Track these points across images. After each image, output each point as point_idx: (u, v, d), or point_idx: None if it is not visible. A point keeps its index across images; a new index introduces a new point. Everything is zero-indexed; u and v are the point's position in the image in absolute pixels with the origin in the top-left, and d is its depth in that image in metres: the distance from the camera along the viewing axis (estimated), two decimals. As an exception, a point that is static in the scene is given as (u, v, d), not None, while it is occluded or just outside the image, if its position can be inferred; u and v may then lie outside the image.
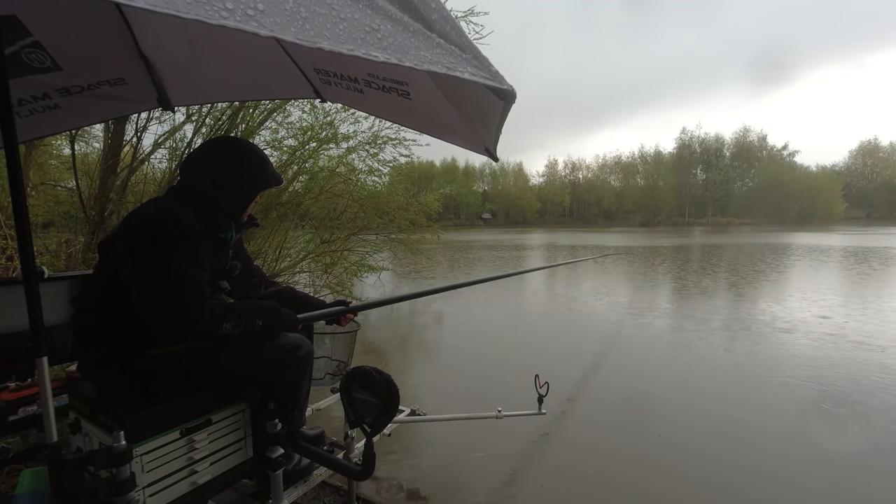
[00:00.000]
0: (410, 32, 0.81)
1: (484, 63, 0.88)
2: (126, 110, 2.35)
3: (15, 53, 1.37)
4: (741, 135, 68.95)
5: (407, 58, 0.77)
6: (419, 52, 0.79)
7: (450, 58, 0.83)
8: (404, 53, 0.77)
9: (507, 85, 0.91)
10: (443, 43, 0.83)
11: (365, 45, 0.73)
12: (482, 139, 1.43)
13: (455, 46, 0.84)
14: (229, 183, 1.39)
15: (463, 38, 0.87)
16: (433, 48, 0.82)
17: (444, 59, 0.81)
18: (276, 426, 1.41)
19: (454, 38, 0.85)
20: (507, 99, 0.96)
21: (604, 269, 11.71)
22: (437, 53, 0.81)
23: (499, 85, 0.89)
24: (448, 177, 65.38)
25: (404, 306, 7.38)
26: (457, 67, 0.82)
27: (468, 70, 0.84)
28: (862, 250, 15.68)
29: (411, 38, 0.80)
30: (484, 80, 0.86)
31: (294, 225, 5.60)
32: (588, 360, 4.53)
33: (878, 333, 5.17)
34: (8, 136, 1.13)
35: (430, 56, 0.80)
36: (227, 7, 0.62)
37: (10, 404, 1.55)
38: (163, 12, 0.56)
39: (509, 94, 0.93)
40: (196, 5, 0.59)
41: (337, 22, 0.72)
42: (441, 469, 2.50)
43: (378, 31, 0.76)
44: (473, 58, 0.86)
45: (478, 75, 0.85)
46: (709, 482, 2.39)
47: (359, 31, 0.74)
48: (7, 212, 3.36)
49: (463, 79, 0.83)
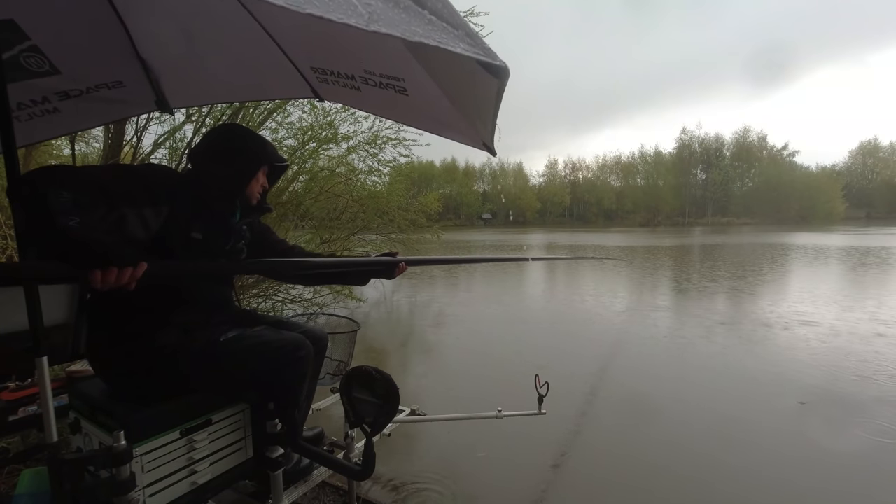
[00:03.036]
0: (401, 8, 0.80)
1: (476, 39, 0.87)
2: (124, 113, 2.35)
3: (13, 57, 1.37)
4: (741, 135, 68.98)
5: (398, 30, 0.76)
6: (410, 26, 0.79)
7: (441, 33, 0.82)
8: (395, 26, 0.76)
9: (499, 61, 0.90)
10: (434, 19, 0.83)
11: (355, 16, 0.72)
12: (480, 134, 1.43)
13: (446, 23, 0.84)
14: (226, 159, 1.40)
15: (455, 16, 0.87)
16: (424, 24, 0.81)
17: (435, 35, 0.81)
18: (276, 426, 1.41)
19: (446, 15, 0.85)
20: (501, 75, 0.95)
21: (604, 269, 11.71)
22: (428, 29, 0.81)
23: (491, 61, 0.88)
24: (448, 177, 65.36)
25: (404, 306, 7.41)
26: (448, 42, 0.81)
27: (460, 45, 0.83)
28: (865, 250, 15.68)
29: (402, 14, 0.79)
30: (476, 55, 0.85)
31: (294, 225, 5.60)
32: (588, 359, 4.53)
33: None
34: (6, 141, 1.13)
35: (422, 31, 0.79)
36: None
37: (10, 404, 1.56)
38: None
39: (502, 69, 0.92)
40: None
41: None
42: (441, 469, 2.50)
43: (369, 6, 0.75)
44: (465, 34, 0.85)
45: (470, 51, 0.84)
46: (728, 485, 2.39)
47: (349, 4, 0.73)
48: (7, 212, 3.36)
49: (458, 63, 0.82)
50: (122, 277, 0.99)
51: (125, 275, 0.99)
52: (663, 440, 2.83)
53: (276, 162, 1.53)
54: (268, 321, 1.60)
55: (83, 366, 1.79)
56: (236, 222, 1.48)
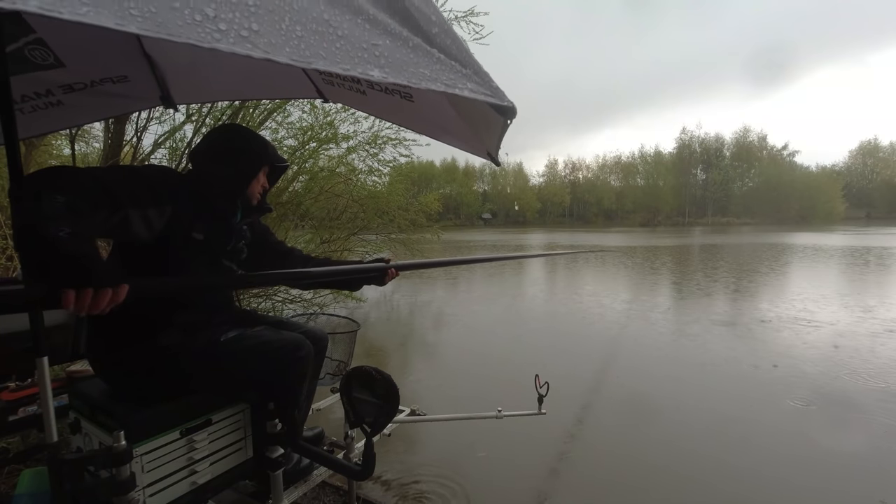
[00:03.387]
0: (410, 48, 0.79)
1: (485, 79, 0.87)
2: (129, 108, 2.35)
3: (18, 50, 1.37)
4: (741, 135, 69.01)
5: (404, 76, 0.76)
6: (418, 68, 0.78)
7: (450, 74, 0.81)
8: (402, 71, 0.76)
9: (507, 101, 0.90)
10: (443, 58, 0.82)
11: (362, 64, 0.72)
12: (484, 143, 1.44)
13: (455, 62, 0.83)
14: (226, 159, 1.40)
15: (464, 52, 0.86)
16: (433, 64, 0.81)
17: (443, 76, 0.80)
18: (276, 426, 1.41)
19: (454, 52, 0.84)
20: (507, 115, 0.95)
21: (604, 270, 11.71)
22: (436, 70, 0.80)
23: (499, 101, 0.88)
24: (448, 177, 65.34)
25: (404, 306, 7.40)
26: (456, 84, 0.81)
27: (468, 87, 0.83)
28: (865, 250, 15.68)
29: (410, 55, 0.79)
30: (484, 96, 0.85)
31: (294, 225, 5.60)
32: (588, 359, 4.54)
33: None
34: (9, 132, 1.13)
35: (430, 73, 0.79)
36: (220, 28, 0.60)
37: (10, 404, 1.55)
38: (155, 36, 0.56)
39: (509, 110, 0.92)
40: (188, 28, 0.58)
41: (334, 40, 0.71)
42: (441, 469, 2.50)
43: (377, 48, 0.75)
44: (474, 73, 0.85)
45: (478, 91, 0.84)
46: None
47: (356, 49, 0.73)
48: (7, 212, 3.36)
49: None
50: (98, 300, 0.89)
51: (103, 298, 0.89)
52: (663, 440, 2.83)
53: (277, 162, 1.54)
54: (268, 321, 1.60)
55: (83, 366, 1.79)
56: (237, 222, 1.48)
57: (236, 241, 1.49)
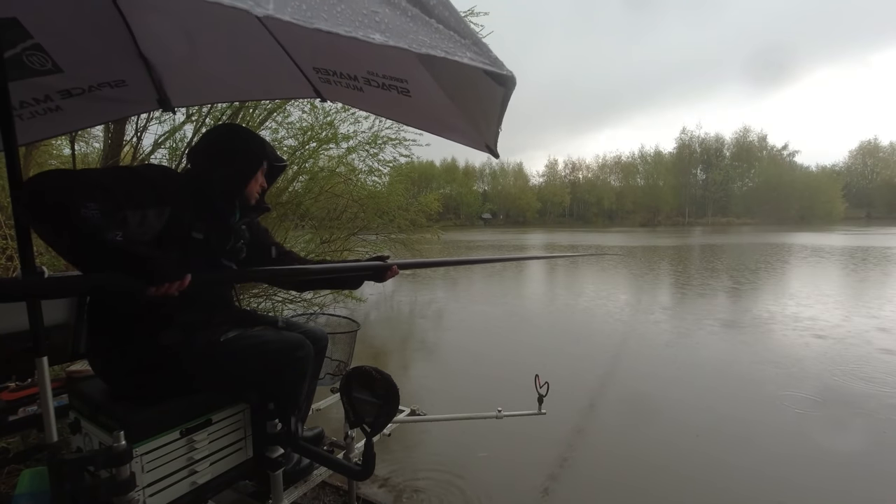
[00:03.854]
0: (409, 17, 0.79)
1: (483, 48, 0.86)
2: (126, 112, 2.35)
3: (16, 56, 1.37)
4: (741, 135, 68.97)
5: (405, 41, 0.76)
6: (418, 35, 0.78)
7: (448, 42, 0.81)
8: (402, 37, 0.76)
9: (506, 70, 0.89)
10: (441, 28, 0.82)
11: (363, 28, 0.72)
12: (483, 136, 1.43)
13: (454, 32, 0.83)
14: (226, 159, 1.40)
15: (461, 23, 0.86)
16: (432, 33, 0.80)
17: (442, 44, 0.80)
18: (276, 426, 1.41)
19: (452, 23, 0.84)
20: (507, 85, 0.95)
21: (604, 269, 11.71)
22: (435, 38, 0.80)
23: (498, 70, 0.88)
24: (448, 177, 65.32)
25: (404, 307, 7.40)
26: (455, 52, 0.81)
27: (467, 55, 0.82)
28: (865, 250, 15.67)
29: (409, 23, 0.79)
30: (483, 64, 0.85)
31: (294, 225, 5.60)
32: (589, 359, 4.54)
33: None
34: (7, 139, 1.13)
35: (429, 40, 0.79)
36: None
37: (10, 404, 1.55)
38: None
39: (509, 79, 0.92)
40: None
41: (335, 3, 0.71)
42: (441, 469, 2.50)
43: (376, 14, 0.75)
44: (472, 43, 0.85)
45: (477, 60, 0.83)
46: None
47: (356, 14, 0.73)
48: (7, 212, 3.36)
49: (463, 68, 0.82)
50: (170, 290, 1.05)
51: (173, 287, 1.05)
52: (663, 440, 2.83)
53: (275, 162, 1.54)
54: (268, 321, 1.60)
55: (83, 366, 1.79)
56: (236, 222, 1.48)
57: (235, 241, 1.49)
